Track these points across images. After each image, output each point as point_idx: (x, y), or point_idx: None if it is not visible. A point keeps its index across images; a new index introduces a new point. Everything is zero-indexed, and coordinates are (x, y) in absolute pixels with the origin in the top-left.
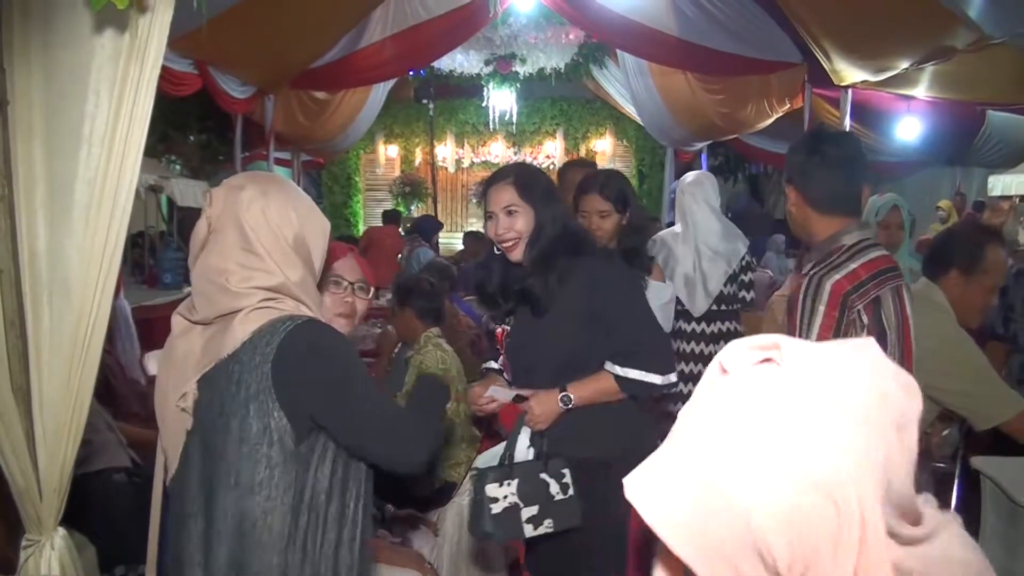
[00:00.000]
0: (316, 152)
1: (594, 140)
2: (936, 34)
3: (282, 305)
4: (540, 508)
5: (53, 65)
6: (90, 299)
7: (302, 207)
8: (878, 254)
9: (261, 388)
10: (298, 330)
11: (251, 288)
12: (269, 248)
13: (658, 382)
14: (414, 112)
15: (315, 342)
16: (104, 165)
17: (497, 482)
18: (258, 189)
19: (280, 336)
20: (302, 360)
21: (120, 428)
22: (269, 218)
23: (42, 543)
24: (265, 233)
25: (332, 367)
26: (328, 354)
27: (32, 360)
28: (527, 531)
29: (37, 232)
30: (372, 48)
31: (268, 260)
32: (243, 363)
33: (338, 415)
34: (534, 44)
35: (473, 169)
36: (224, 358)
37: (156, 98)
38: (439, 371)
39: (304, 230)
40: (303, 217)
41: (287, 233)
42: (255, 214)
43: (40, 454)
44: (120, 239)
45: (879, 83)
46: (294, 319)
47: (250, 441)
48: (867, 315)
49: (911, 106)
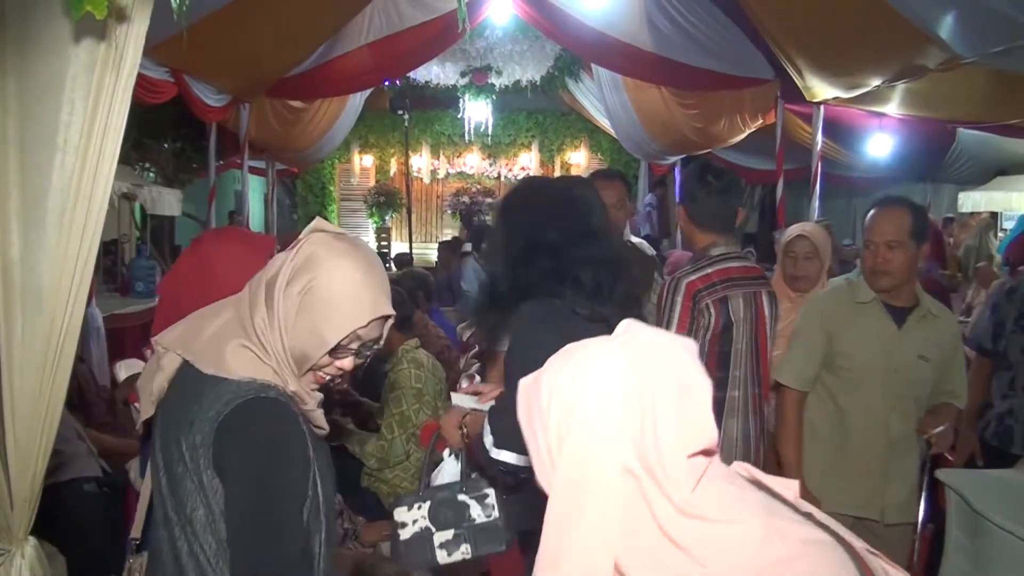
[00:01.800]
0: (291, 161)
1: (569, 152)
2: (907, 53)
3: (262, 360)
4: (455, 533)
5: (28, 73)
6: (62, 308)
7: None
8: (736, 264)
9: (204, 443)
10: (254, 406)
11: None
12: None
13: (487, 444)
14: (389, 122)
15: (262, 424)
16: (78, 174)
17: (406, 506)
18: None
19: (238, 402)
20: (241, 434)
21: (91, 437)
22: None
23: (12, 553)
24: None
25: (261, 453)
26: (267, 438)
27: (4, 369)
28: (440, 557)
29: (11, 240)
30: (348, 58)
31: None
32: (202, 407)
33: (239, 505)
34: (510, 56)
35: (448, 180)
36: (197, 371)
37: (131, 105)
38: (414, 390)
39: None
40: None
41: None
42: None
43: (11, 464)
44: (93, 248)
45: (851, 100)
46: (261, 391)
47: (186, 486)
48: (715, 309)
49: (882, 123)
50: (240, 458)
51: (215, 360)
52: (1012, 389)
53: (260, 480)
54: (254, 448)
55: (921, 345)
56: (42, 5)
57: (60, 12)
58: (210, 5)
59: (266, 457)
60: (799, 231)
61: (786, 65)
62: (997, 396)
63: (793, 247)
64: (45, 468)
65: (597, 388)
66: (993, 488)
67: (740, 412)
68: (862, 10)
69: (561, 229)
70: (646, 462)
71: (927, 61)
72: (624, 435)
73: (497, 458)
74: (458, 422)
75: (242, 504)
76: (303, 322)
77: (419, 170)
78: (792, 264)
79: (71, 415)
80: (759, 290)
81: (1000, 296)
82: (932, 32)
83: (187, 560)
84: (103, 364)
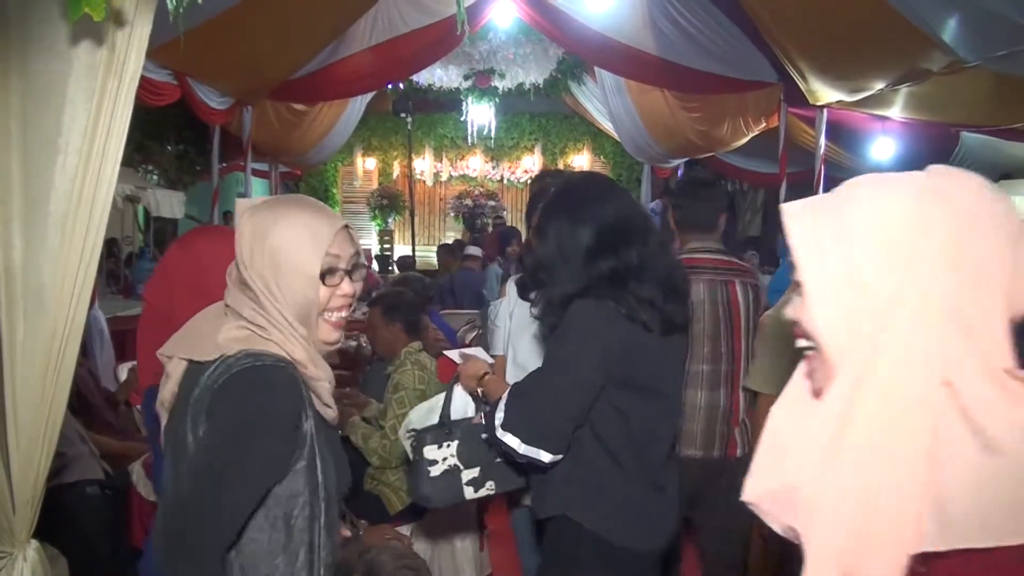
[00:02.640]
0: (294, 164)
1: (572, 155)
2: (911, 57)
3: (262, 336)
4: (481, 470)
5: (30, 74)
6: (64, 311)
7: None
8: (704, 256)
9: (199, 416)
10: (251, 371)
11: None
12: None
13: (496, 422)
14: (392, 125)
15: (254, 386)
16: (81, 176)
17: (436, 443)
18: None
19: (235, 369)
20: (231, 397)
21: (93, 440)
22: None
23: (15, 555)
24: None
25: (240, 414)
26: (252, 401)
27: (6, 372)
28: (467, 493)
29: (12, 243)
30: (351, 60)
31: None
32: (201, 386)
33: (196, 450)
34: (513, 59)
35: (451, 183)
36: (199, 364)
37: (133, 108)
38: (417, 391)
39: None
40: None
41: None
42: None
43: (14, 466)
44: (96, 251)
45: (854, 103)
46: (259, 358)
47: (185, 451)
48: None
49: (886, 126)
50: (220, 416)
51: (212, 348)
52: None
53: (226, 437)
54: (235, 409)
55: None
56: (43, 7)
57: (60, 14)
58: (213, 8)
59: (243, 418)
60: None
61: (789, 68)
62: None
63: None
64: (47, 470)
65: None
66: None
67: (704, 384)
68: (865, 13)
69: (645, 219)
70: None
71: (930, 65)
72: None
73: (502, 439)
74: (478, 375)
75: (199, 455)
76: (284, 278)
77: (422, 173)
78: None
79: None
80: (732, 279)
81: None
82: (935, 35)
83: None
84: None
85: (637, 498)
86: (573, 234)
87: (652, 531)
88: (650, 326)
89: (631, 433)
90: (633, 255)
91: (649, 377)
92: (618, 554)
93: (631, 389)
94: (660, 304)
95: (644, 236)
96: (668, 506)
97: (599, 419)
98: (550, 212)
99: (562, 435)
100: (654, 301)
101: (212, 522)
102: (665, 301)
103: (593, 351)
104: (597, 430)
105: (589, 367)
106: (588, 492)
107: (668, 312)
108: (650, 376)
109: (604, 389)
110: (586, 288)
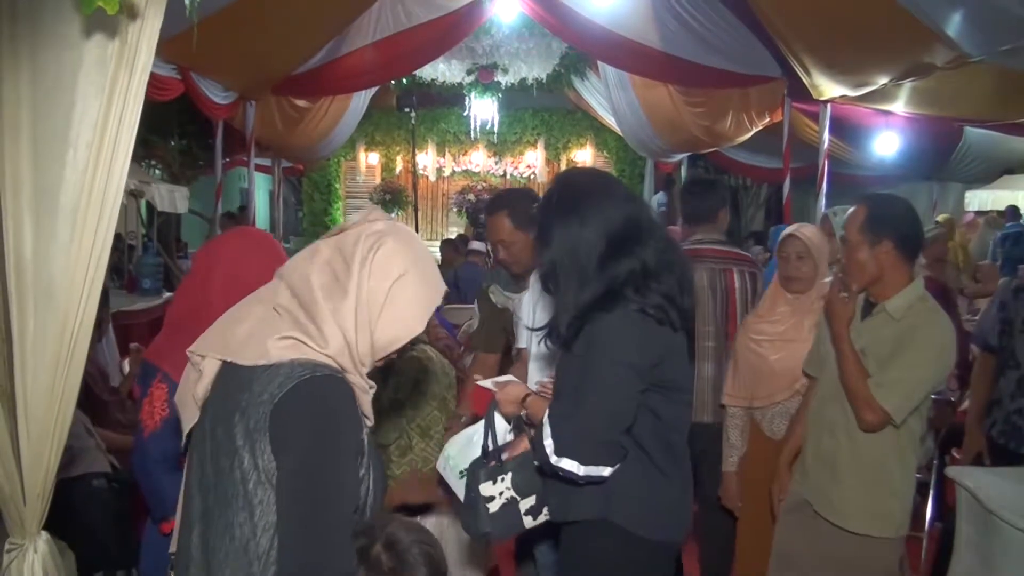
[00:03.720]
0: (296, 159)
1: (575, 150)
2: (915, 51)
3: (314, 344)
4: (537, 497)
5: (41, 68)
6: (75, 303)
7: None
8: (706, 247)
9: (259, 427)
10: (310, 384)
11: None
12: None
13: (548, 450)
14: (395, 120)
15: (321, 403)
16: (92, 169)
17: (490, 479)
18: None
19: (292, 382)
20: (299, 415)
21: (100, 434)
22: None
23: (25, 547)
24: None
25: (318, 434)
26: (326, 419)
27: (17, 364)
28: (527, 523)
29: (24, 236)
30: (354, 56)
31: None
32: (252, 393)
33: (288, 481)
34: (516, 54)
35: (454, 178)
36: (241, 366)
37: None
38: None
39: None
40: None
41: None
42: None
43: (24, 459)
44: (107, 243)
45: (858, 98)
46: (315, 369)
47: (244, 472)
48: None
49: (889, 121)
50: (297, 436)
51: (258, 353)
52: (1020, 388)
53: (316, 457)
54: (311, 426)
55: (864, 339)
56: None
57: (72, 7)
58: (218, 3)
59: (322, 435)
60: (792, 231)
61: (793, 63)
62: (1006, 395)
63: (785, 248)
64: (58, 463)
65: None
66: (1004, 486)
67: (711, 358)
68: (869, 8)
69: (646, 228)
70: None
71: (935, 59)
72: None
73: (558, 465)
74: (519, 399)
75: (296, 482)
76: (394, 312)
77: (424, 168)
78: (785, 265)
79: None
80: (730, 267)
81: (1007, 294)
82: (940, 30)
83: (228, 548)
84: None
85: (671, 492)
86: (584, 237)
87: (683, 521)
88: (676, 325)
89: (661, 431)
90: (651, 253)
91: (674, 374)
92: (656, 548)
93: (660, 389)
94: (679, 300)
95: (656, 233)
96: (689, 493)
97: (636, 422)
98: (554, 215)
99: (617, 446)
100: (674, 297)
101: (333, 548)
102: (682, 296)
103: (628, 364)
104: (634, 432)
105: (627, 380)
106: (627, 493)
107: (685, 306)
108: (674, 373)
109: (642, 394)
110: (606, 293)
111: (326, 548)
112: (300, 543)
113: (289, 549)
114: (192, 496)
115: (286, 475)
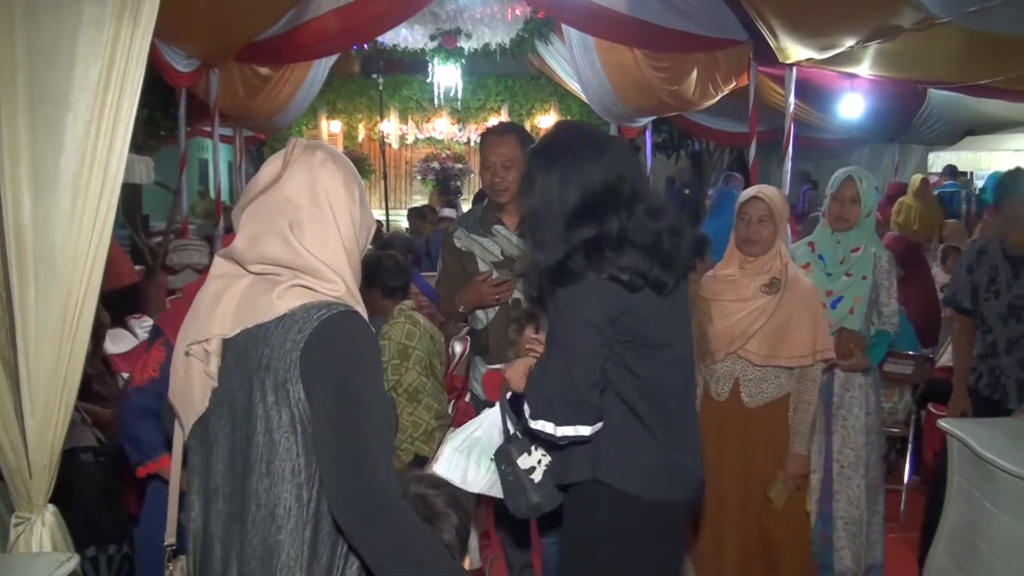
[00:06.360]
0: (258, 128)
1: (539, 116)
2: (883, 13)
3: (323, 287)
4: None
5: (37, 27)
6: (80, 271)
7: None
8: None
9: (289, 376)
10: (333, 320)
11: (307, 252)
12: (337, 215)
13: (526, 414)
14: (357, 88)
15: (347, 335)
16: (93, 134)
17: (524, 452)
18: (330, 155)
19: (313, 324)
20: (328, 350)
21: (84, 408)
22: (338, 185)
23: (32, 520)
24: (336, 200)
25: (351, 364)
26: (355, 350)
27: (19, 333)
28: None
29: (22, 202)
30: (318, 21)
31: (332, 227)
32: (272, 347)
33: (327, 414)
34: (479, 19)
35: (417, 146)
36: (252, 328)
37: None
38: (402, 344)
39: (363, 212)
40: (362, 199)
41: (353, 210)
42: (328, 176)
43: (29, 431)
44: (111, 210)
45: (823, 61)
46: (331, 307)
47: (280, 429)
48: None
49: (854, 84)
50: (331, 372)
51: (267, 309)
52: (994, 352)
53: (355, 387)
54: (345, 361)
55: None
56: None
57: None
58: None
59: (356, 367)
60: (754, 192)
61: (760, 25)
62: (985, 355)
63: (747, 209)
64: (64, 435)
65: None
66: (996, 435)
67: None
68: None
69: (634, 184)
70: None
71: (902, 21)
72: None
73: (536, 428)
74: (525, 372)
75: (339, 415)
76: (367, 215)
77: (387, 135)
78: (745, 227)
79: None
80: None
81: (972, 256)
82: None
83: (270, 511)
84: None
85: (662, 450)
86: (561, 195)
87: (680, 481)
88: (634, 287)
89: (645, 388)
90: (614, 224)
91: (649, 334)
92: (652, 508)
93: (635, 347)
94: (645, 270)
95: (630, 203)
96: (691, 455)
97: (616, 380)
98: (541, 163)
99: (590, 404)
100: (637, 268)
101: (387, 472)
102: (651, 267)
103: (585, 319)
104: (616, 390)
105: (586, 334)
106: (614, 452)
107: (654, 277)
108: (650, 332)
109: (612, 351)
110: (564, 257)
111: (377, 473)
112: (351, 472)
113: (339, 478)
114: (213, 469)
115: (327, 412)
